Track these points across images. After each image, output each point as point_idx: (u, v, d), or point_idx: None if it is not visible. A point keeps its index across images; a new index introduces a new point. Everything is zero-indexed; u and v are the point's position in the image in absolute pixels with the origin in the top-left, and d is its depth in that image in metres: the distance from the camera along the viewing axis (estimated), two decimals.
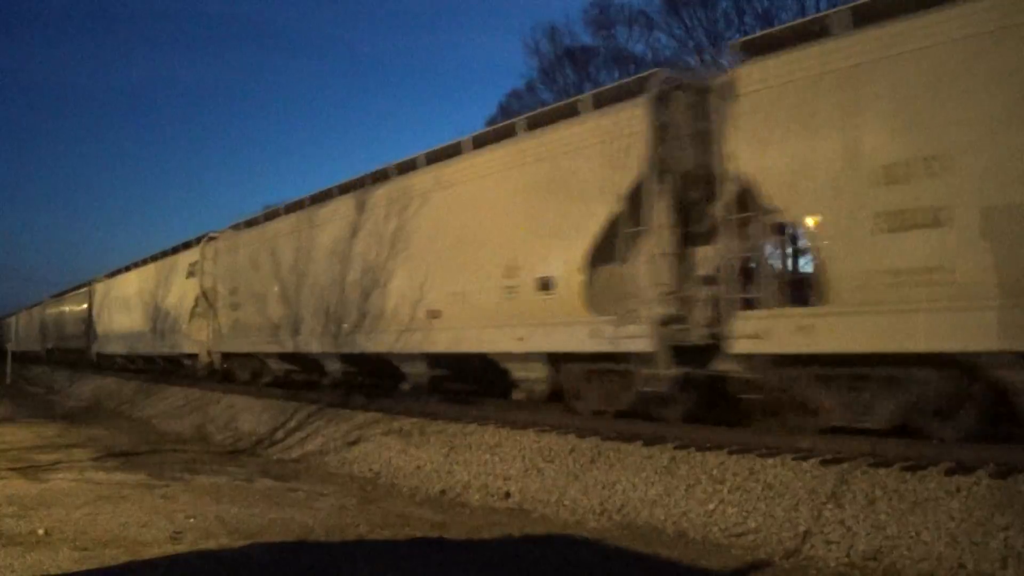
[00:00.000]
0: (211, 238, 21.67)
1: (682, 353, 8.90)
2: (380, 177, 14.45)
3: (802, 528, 6.59)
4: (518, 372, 11.28)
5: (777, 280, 8.27)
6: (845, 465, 7.08)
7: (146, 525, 7.13)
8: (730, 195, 8.34)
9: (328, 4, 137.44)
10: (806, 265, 8.72)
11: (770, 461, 7.55)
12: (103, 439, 14.91)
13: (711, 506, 7.37)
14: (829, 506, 6.66)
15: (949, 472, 6.54)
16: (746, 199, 8.26)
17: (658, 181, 9.06)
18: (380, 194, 14.06)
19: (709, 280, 8.77)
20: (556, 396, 11.01)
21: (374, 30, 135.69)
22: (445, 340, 12.19)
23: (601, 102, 10.19)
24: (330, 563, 6.14)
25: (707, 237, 9.01)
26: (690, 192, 9.05)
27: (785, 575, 6.09)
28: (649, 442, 8.83)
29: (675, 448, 8.46)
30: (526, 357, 10.90)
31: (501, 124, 13.00)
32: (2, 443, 13.46)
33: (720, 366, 8.45)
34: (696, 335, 8.76)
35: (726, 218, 8.42)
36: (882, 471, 6.81)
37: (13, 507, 7.75)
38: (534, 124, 11.26)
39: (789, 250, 9.21)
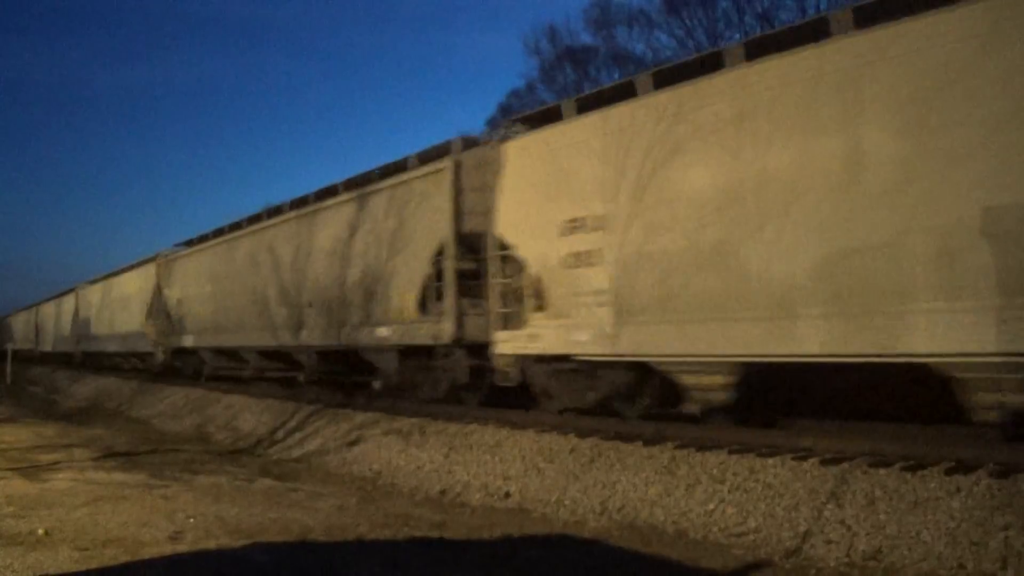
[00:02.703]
0: None
1: None
2: None
3: (802, 528, 6.60)
4: None
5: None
6: (845, 465, 7.08)
7: (146, 525, 7.13)
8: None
9: (327, 4, 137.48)
10: None
11: (770, 461, 7.55)
12: (103, 439, 14.90)
13: (711, 506, 7.37)
14: (829, 506, 6.66)
15: (949, 472, 6.54)
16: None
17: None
18: None
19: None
20: None
21: (374, 30, 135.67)
22: None
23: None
24: (330, 563, 6.14)
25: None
26: None
27: (785, 575, 6.09)
28: (649, 442, 8.83)
29: (675, 448, 8.46)
30: None
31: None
32: (2, 443, 13.45)
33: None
34: None
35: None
36: (882, 471, 6.81)
37: (13, 507, 7.74)
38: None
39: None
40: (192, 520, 7.42)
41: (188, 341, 23.24)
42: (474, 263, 11.82)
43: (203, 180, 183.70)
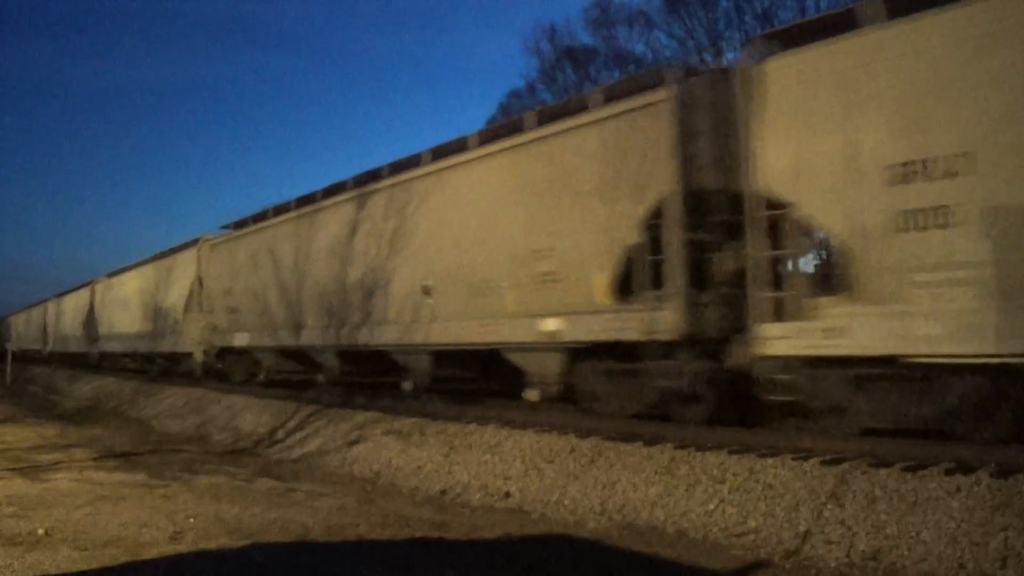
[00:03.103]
0: None
1: None
2: None
3: (802, 528, 6.59)
4: None
5: None
6: (845, 465, 7.08)
7: (146, 525, 7.13)
8: None
9: (328, 4, 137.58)
10: None
11: (770, 461, 7.55)
12: (103, 439, 14.92)
13: (711, 506, 7.36)
14: (829, 506, 6.66)
15: (949, 472, 6.53)
16: None
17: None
18: None
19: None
20: None
21: (373, 30, 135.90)
22: None
23: None
24: (330, 563, 6.15)
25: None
26: None
27: (785, 575, 6.09)
28: (649, 442, 8.83)
29: (675, 448, 8.45)
30: None
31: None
32: (2, 443, 13.47)
33: None
34: None
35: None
36: (882, 471, 6.80)
37: (13, 507, 7.75)
38: None
39: None
40: (192, 520, 7.42)
41: (240, 340, 19.40)
42: (706, 231, 9.02)
43: (202, 179, 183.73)
